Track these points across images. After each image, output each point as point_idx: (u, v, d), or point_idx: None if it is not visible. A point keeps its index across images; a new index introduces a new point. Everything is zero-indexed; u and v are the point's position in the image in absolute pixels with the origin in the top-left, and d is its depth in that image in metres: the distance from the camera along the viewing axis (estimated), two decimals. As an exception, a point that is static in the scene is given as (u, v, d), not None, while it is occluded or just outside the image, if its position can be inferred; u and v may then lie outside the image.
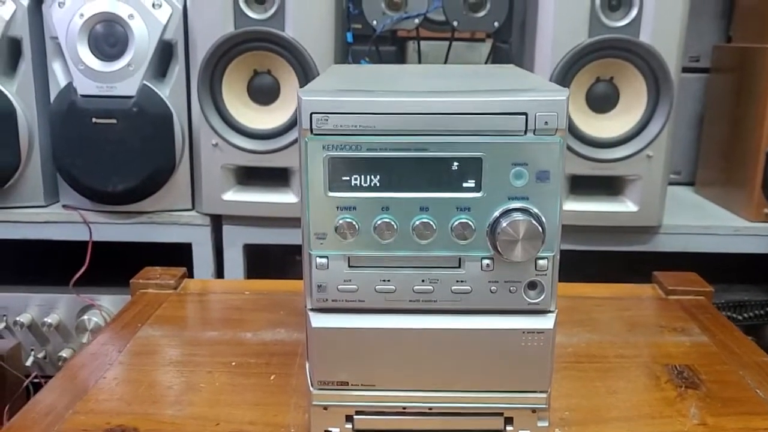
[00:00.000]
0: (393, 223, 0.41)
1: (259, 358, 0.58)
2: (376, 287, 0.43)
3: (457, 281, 0.42)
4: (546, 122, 0.40)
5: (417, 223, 0.41)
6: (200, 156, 1.08)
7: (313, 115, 0.40)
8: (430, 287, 0.43)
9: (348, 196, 0.41)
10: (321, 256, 0.42)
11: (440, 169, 0.41)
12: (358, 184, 0.41)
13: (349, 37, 1.17)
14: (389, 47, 1.24)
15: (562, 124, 0.40)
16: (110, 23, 1.03)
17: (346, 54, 1.16)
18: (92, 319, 1.09)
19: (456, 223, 0.41)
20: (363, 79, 0.54)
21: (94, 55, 1.04)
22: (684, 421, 0.49)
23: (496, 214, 0.41)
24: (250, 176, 1.11)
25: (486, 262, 0.42)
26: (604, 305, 0.71)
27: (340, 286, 0.43)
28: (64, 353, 1.10)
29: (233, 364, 0.58)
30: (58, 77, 1.06)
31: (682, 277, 0.75)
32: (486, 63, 1.25)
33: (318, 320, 0.44)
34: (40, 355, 1.11)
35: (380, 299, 0.43)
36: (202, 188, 1.09)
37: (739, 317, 1.17)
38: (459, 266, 0.42)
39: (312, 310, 0.44)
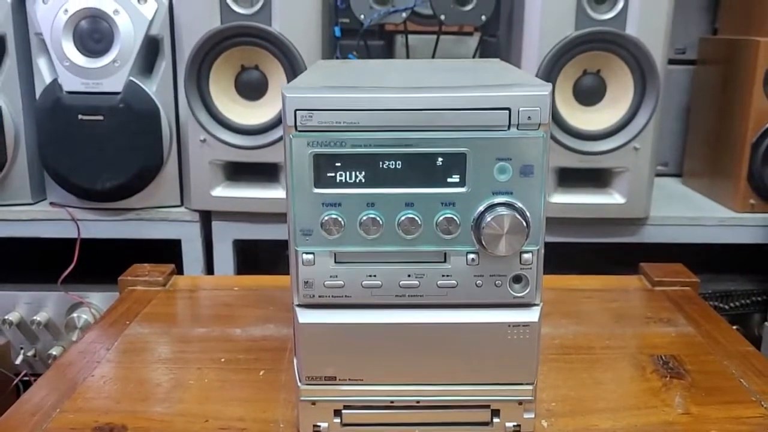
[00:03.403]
0: (378, 218, 0.42)
1: (248, 354, 0.59)
2: (363, 282, 0.43)
3: (443, 276, 0.43)
4: (529, 117, 0.40)
5: (402, 218, 0.42)
6: (188, 152, 1.07)
7: (297, 111, 0.40)
8: (416, 282, 0.43)
9: (333, 192, 0.42)
10: (307, 253, 0.43)
11: (425, 165, 0.41)
12: (344, 180, 0.41)
13: (337, 31, 1.16)
14: (377, 41, 1.24)
15: (545, 118, 0.40)
16: (95, 19, 1.02)
17: (333, 48, 1.16)
18: (82, 316, 1.09)
19: (441, 218, 0.42)
20: (347, 74, 0.54)
21: (79, 51, 1.03)
22: (669, 411, 0.50)
23: (481, 208, 0.41)
24: (238, 172, 1.11)
25: (471, 256, 0.42)
26: (591, 297, 0.72)
27: (326, 282, 0.43)
28: (54, 351, 1.10)
29: (222, 360, 0.58)
30: (43, 74, 1.05)
31: (669, 268, 0.76)
32: (474, 57, 1.25)
33: (305, 316, 0.44)
34: (29, 354, 1.11)
35: (367, 294, 0.43)
36: (191, 184, 1.09)
37: (726, 307, 1.19)
38: (444, 261, 0.43)
39: (299, 306, 0.44)
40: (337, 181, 0.41)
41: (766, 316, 1.16)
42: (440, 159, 0.41)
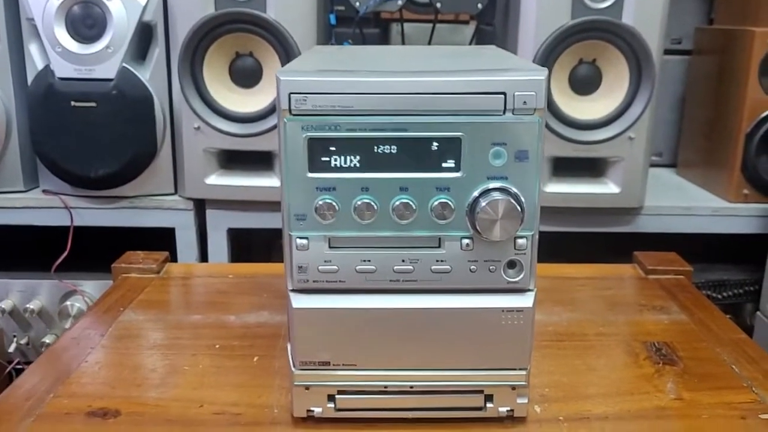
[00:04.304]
0: (373, 203, 0.41)
1: (242, 341, 0.59)
2: (357, 268, 0.43)
3: (437, 261, 0.43)
4: (525, 102, 0.40)
5: (397, 203, 0.41)
6: (182, 140, 1.07)
7: (292, 95, 0.40)
8: (411, 267, 0.43)
9: (327, 177, 0.41)
10: (301, 237, 0.42)
11: (420, 149, 0.41)
12: (338, 165, 0.41)
13: (332, 19, 1.15)
14: (373, 29, 1.23)
15: (540, 103, 0.40)
16: (88, 4, 1.01)
17: (329, 36, 1.15)
18: (75, 304, 1.09)
19: (436, 203, 0.41)
20: (343, 59, 0.54)
21: (71, 36, 1.02)
22: (661, 397, 0.50)
23: (476, 193, 0.41)
24: (233, 160, 1.11)
25: (465, 241, 0.42)
26: (585, 285, 0.72)
27: (320, 267, 0.43)
28: (47, 339, 1.09)
29: (217, 346, 0.58)
30: (35, 60, 1.04)
31: (662, 257, 0.76)
32: (470, 45, 1.25)
33: (299, 301, 0.44)
34: (22, 342, 1.11)
35: (361, 279, 0.43)
36: (185, 172, 1.09)
37: (719, 296, 1.19)
38: (439, 246, 0.43)
39: (293, 291, 0.44)
40: (332, 165, 0.41)
41: (758, 305, 1.17)
42: (435, 143, 0.41)
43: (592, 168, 1.11)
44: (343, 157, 0.41)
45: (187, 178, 1.09)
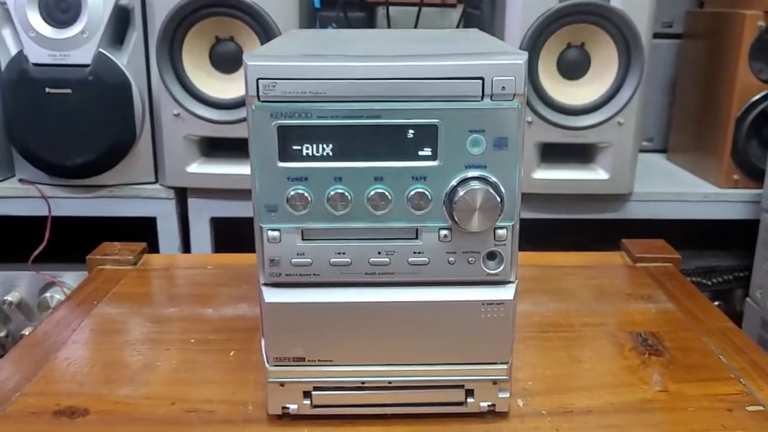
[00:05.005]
0: (347, 193, 0.40)
1: (219, 335, 0.57)
2: (331, 260, 0.41)
3: (414, 252, 0.41)
4: (503, 87, 0.38)
5: (372, 193, 0.40)
6: (162, 127, 1.04)
7: (260, 80, 0.38)
8: (387, 259, 0.41)
9: (299, 166, 0.39)
10: (273, 230, 0.41)
11: (395, 137, 0.39)
12: (310, 154, 0.39)
13: (316, 2, 1.13)
14: (358, 13, 1.21)
15: (520, 89, 0.38)
16: (61, -13, 0.99)
17: (313, 20, 1.13)
18: (55, 296, 1.07)
19: (412, 192, 0.40)
20: (318, 43, 0.52)
21: (45, 21, 0.99)
22: (646, 389, 0.49)
23: (453, 183, 0.40)
24: (214, 147, 1.08)
25: (443, 232, 0.41)
26: (572, 274, 0.71)
27: (293, 260, 0.41)
28: (27, 332, 1.08)
29: (192, 341, 0.56)
30: (8, 45, 1.01)
31: (650, 244, 0.75)
32: (457, 28, 1.22)
33: (271, 295, 0.42)
34: (1, 335, 1.09)
35: (335, 272, 0.41)
36: (165, 160, 1.06)
37: (708, 282, 1.19)
38: (416, 237, 0.41)
39: (265, 285, 0.42)
40: (303, 154, 0.39)
41: (748, 291, 1.16)
42: (411, 131, 0.39)
43: (580, 154, 1.09)
44: (315, 146, 0.39)
45: (168, 166, 1.06)
